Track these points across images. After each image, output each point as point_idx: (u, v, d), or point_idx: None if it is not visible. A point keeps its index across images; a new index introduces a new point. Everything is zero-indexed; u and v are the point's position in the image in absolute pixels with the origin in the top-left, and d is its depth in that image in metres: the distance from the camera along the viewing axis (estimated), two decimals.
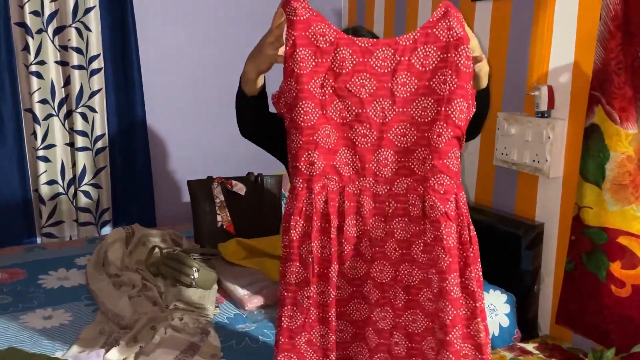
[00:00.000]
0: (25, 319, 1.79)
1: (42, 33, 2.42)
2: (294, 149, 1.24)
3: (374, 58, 1.19)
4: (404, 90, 1.19)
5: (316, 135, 1.20)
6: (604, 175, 1.83)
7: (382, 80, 1.19)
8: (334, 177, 1.23)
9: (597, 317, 1.89)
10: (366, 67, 1.19)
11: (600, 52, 1.79)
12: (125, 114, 2.64)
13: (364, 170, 1.22)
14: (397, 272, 1.25)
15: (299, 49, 1.18)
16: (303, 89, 1.19)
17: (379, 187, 1.23)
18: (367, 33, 1.59)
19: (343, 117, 1.20)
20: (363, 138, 1.21)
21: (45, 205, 2.54)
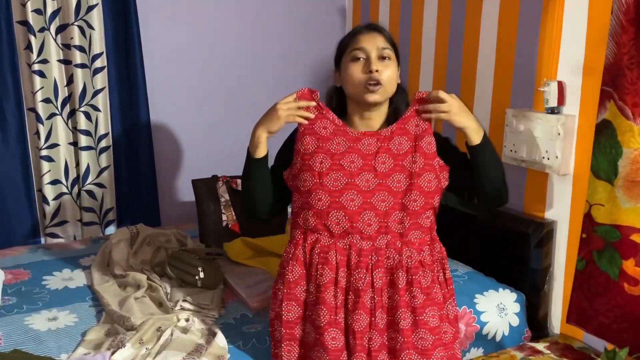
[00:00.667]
0: (30, 321, 1.77)
1: (45, 31, 2.40)
2: (295, 208, 1.59)
3: (362, 143, 1.54)
4: (383, 167, 1.51)
5: (310, 198, 1.51)
6: (616, 172, 1.80)
7: (367, 159, 1.52)
8: (325, 233, 1.52)
9: (609, 316, 1.86)
10: (355, 150, 1.53)
11: (612, 47, 1.76)
12: (128, 112, 2.61)
13: (352, 228, 1.50)
14: (373, 318, 1.50)
15: (306, 137, 1.56)
16: (305, 164, 1.54)
17: (363, 243, 1.50)
18: (380, 27, 1.60)
19: (335, 186, 1.50)
20: (351, 202, 1.50)
21: (49, 205, 2.52)
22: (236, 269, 2.11)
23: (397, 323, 1.49)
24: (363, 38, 1.54)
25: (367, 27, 1.58)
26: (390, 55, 1.54)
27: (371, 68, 1.50)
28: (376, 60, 1.52)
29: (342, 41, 1.61)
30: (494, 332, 1.95)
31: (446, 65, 2.50)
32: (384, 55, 1.52)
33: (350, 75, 1.53)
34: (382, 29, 1.58)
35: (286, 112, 1.55)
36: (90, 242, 2.46)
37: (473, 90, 2.36)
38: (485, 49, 2.28)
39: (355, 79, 1.52)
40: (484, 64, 2.30)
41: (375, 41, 1.53)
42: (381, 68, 1.51)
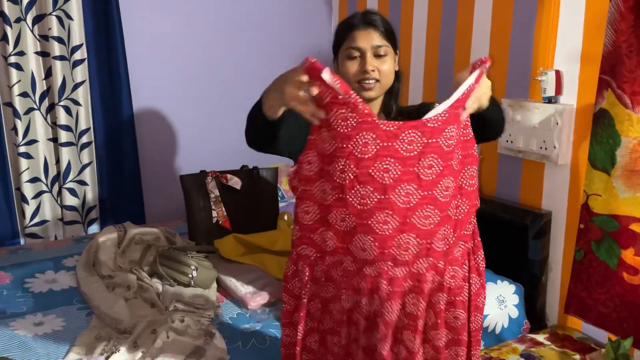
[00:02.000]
0: (14, 326, 1.68)
1: (21, 22, 2.29)
2: (308, 220, 1.23)
3: (400, 141, 1.15)
4: (429, 173, 1.16)
5: (330, 216, 1.18)
6: (613, 162, 1.79)
7: (408, 164, 1.15)
8: (348, 257, 1.21)
9: (609, 305, 1.86)
10: (390, 152, 1.15)
11: (610, 35, 1.74)
12: (111, 106, 2.52)
13: (382, 255, 1.19)
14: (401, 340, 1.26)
15: (322, 130, 1.16)
16: (323, 170, 1.17)
17: (397, 270, 1.20)
18: (377, 17, 1.50)
19: (363, 204, 1.15)
20: (384, 225, 1.16)
21: (28, 204, 2.42)
22: (229, 267, 2.05)
23: (430, 341, 1.28)
24: (358, 35, 1.46)
25: (363, 21, 1.47)
26: (387, 51, 1.48)
27: (366, 68, 1.43)
28: (371, 59, 1.46)
29: (338, 32, 1.54)
30: (494, 325, 1.93)
31: (438, 53, 2.46)
32: (379, 53, 1.47)
33: (345, 72, 1.48)
34: (378, 22, 1.49)
35: (293, 99, 1.17)
36: (72, 241, 2.37)
37: None
38: (479, 37, 2.25)
39: (350, 76, 1.47)
40: (477, 52, 2.27)
41: (370, 39, 1.46)
42: (377, 65, 1.46)
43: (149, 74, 2.63)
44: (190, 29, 2.70)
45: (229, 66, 2.83)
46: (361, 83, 1.46)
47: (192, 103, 2.77)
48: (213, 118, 2.83)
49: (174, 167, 2.71)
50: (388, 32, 1.50)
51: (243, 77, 2.86)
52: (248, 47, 2.86)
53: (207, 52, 2.76)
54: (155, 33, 2.62)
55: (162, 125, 2.71)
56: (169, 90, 2.70)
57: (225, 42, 2.80)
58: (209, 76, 2.78)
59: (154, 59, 2.64)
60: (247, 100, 3.17)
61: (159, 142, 2.72)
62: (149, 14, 2.59)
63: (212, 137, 2.83)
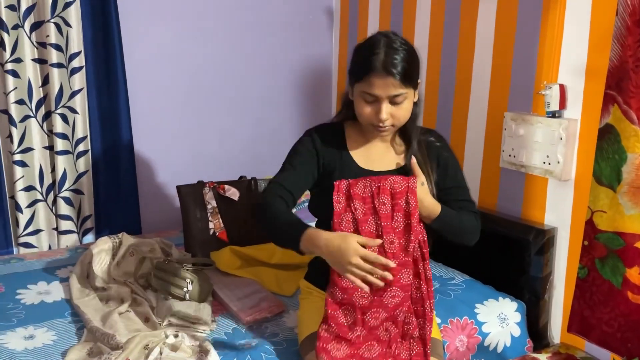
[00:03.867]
0: (4, 340, 1.64)
1: (19, 29, 2.26)
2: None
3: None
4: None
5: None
6: (619, 178, 1.76)
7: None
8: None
9: (613, 325, 1.82)
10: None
11: (617, 49, 1.71)
12: (108, 115, 2.48)
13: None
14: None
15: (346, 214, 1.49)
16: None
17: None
18: (399, 62, 1.43)
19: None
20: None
21: (22, 213, 2.38)
22: (225, 280, 2.01)
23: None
24: (376, 82, 1.42)
25: (383, 67, 1.41)
26: (405, 96, 1.46)
27: (380, 117, 1.45)
28: (387, 106, 1.45)
29: (357, 63, 1.48)
30: (496, 343, 1.89)
31: (440, 67, 2.44)
32: (396, 101, 1.45)
33: (360, 111, 1.50)
34: (399, 69, 1.41)
35: (354, 274, 1.36)
36: (67, 252, 2.33)
37: (468, 93, 2.30)
38: (482, 50, 2.23)
39: (364, 117, 1.50)
40: (480, 66, 2.24)
41: (387, 89, 1.43)
42: (392, 111, 1.46)
43: (147, 82, 2.61)
44: (189, 38, 2.67)
45: (228, 76, 2.80)
46: (375, 126, 1.49)
47: (190, 112, 2.74)
48: (211, 128, 2.80)
49: (171, 177, 2.67)
50: (408, 77, 1.44)
51: (242, 88, 2.84)
52: (248, 57, 2.83)
53: (205, 61, 2.73)
54: (153, 41, 2.60)
55: (159, 134, 2.68)
56: (167, 99, 2.67)
57: (224, 52, 2.78)
58: (207, 86, 2.76)
59: (152, 68, 2.61)
60: (245, 111, 3.16)
61: (156, 152, 2.69)
62: (147, 22, 2.57)
63: (210, 147, 2.80)
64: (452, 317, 1.85)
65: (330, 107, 3.10)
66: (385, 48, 1.44)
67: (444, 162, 1.60)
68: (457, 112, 2.37)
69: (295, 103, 3.01)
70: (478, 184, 2.29)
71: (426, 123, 2.52)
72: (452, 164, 1.63)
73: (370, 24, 2.79)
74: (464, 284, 2.05)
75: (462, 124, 2.34)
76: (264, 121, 2.93)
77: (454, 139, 2.38)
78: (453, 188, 1.61)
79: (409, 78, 1.44)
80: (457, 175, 1.63)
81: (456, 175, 1.63)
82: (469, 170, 2.32)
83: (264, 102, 2.91)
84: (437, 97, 2.46)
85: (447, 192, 1.60)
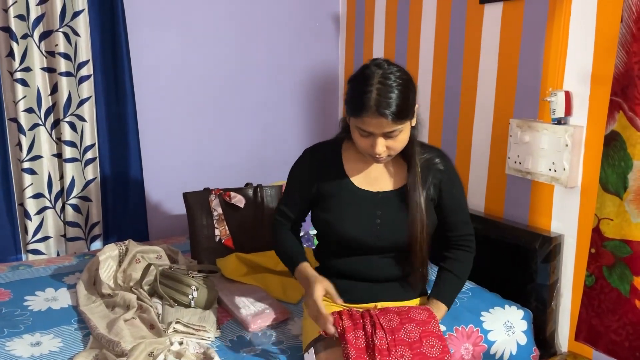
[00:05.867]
0: (11, 346, 1.65)
1: (28, 38, 2.29)
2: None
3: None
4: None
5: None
6: (626, 186, 1.74)
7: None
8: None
9: (621, 333, 1.80)
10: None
11: (622, 56, 1.71)
12: (116, 123, 2.51)
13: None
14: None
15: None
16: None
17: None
18: (393, 102, 1.41)
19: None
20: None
21: (31, 220, 2.40)
22: (231, 287, 2.01)
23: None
24: (369, 122, 1.41)
25: (376, 109, 1.39)
26: (400, 129, 1.45)
27: (376, 150, 1.47)
28: (382, 140, 1.45)
29: (352, 97, 1.46)
30: (502, 352, 1.88)
31: (445, 73, 2.44)
32: (391, 136, 1.46)
33: (356, 141, 1.53)
34: (392, 109, 1.38)
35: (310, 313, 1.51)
36: (74, 258, 2.34)
37: (474, 100, 2.30)
38: (487, 57, 2.23)
39: (361, 148, 1.52)
40: (485, 72, 2.24)
41: (381, 126, 1.42)
42: (388, 144, 1.47)
43: (154, 90, 2.63)
44: (195, 46, 2.69)
45: (235, 83, 2.82)
46: (371, 156, 1.51)
47: (197, 120, 2.75)
48: (218, 136, 2.81)
49: (177, 184, 2.68)
50: (403, 114, 1.42)
51: (248, 95, 2.85)
52: (255, 64, 2.85)
53: (212, 68, 2.75)
54: (161, 50, 2.62)
55: (166, 142, 2.70)
56: (174, 106, 2.69)
57: (231, 59, 2.79)
58: (213, 93, 2.77)
59: (159, 76, 2.63)
60: (251, 118, 3.17)
61: (164, 159, 2.71)
62: (155, 30, 2.59)
63: (217, 154, 2.81)
64: (457, 325, 1.84)
65: (337, 113, 3.10)
66: (379, 85, 1.39)
67: (444, 181, 1.61)
68: (462, 119, 2.36)
69: (302, 110, 3.02)
70: (484, 191, 2.29)
71: (432, 130, 2.52)
72: (452, 184, 1.63)
73: (376, 30, 2.80)
74: (470, 292, 2.04)
75: (467, 130, 2.34)
76: (270, 128, 2.94)
77: (459, 146, 2.38)
78: (451, 208, 1.64)
79: (404, 115, 1.42)
80: (456, 195, 1.64)
81: (455, 195, 1.64)
82: (475, 177, 2.31)
83: (270, 109, 2.93)
84: (443, 104, 2.46)
85: (445, 213, 1.63)
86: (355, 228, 1.58)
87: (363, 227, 1.58)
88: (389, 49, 2.72)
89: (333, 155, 1.63)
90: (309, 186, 1.64)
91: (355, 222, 1.58)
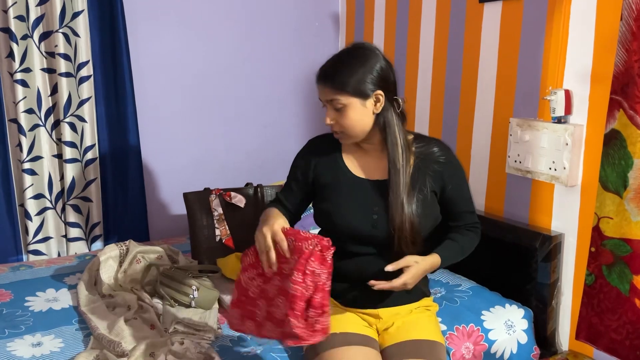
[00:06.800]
0: (12, 347, 1.66)
1: (28, 39, 2.29)
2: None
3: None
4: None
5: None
6: (626, 184, 1.74)
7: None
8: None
9: (621, 332, 1.80)
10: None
11: (622, 54, 1.70)
12: (116, 123, 2.51)
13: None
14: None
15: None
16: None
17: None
18: (331, 70, 1.53)
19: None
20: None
21: (31, 221, 2.40)
22: (231, 287, 2.00)
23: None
24: (318, 88, 1.54)
25: (320, 74, 1.53)
26: (344, 103, 1.50)
27: (326, 121, 1.54)
28: (331, 111, 1.53)
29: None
30: (502, 351, 1.88)
31: (445, 72, 2.44)
32: (335, 107, 1.51)
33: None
34: (329, 77, 1.50)
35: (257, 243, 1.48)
36: (75, 259, 2.35)
37: (474, 99, 2.30)
38: (487, 56, 2.23)
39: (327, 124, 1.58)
40: (485, 72, 2.24)
41: (324, 93, 1.52)
42: (336, 117, 1.53)
43: (154, 90, 2.63)
44: (195, 45, 2.69)
45: (234, 83, 2.82)
46: (332, 131, 1.58)
47: (197, 120, 2.75)
48: (218, 135, 2.81)
49: (178, 184, 2.69)
50: (340, 83, 1.48)
51: (248, 94, 2.85)
52: (254, 64, 2.85)
53: (212, 68, 2.75)
54: (161, 50, 2.62)
55: (167, 142, 2.70)
56: (174, 106, 2.69)
57: (231, 59, 2.79)
58: (214, 93, 2.77)
59: (159, 76, 2.63)
60: (252, 117, 3.17)
61: (164, 159, 2.71)
62: (155, 31, 2.59)
63: (217, 154, 2.81)
64: (458, 324, 1.84)
65: None
66: (334, 56, 1.54)
67: (446, 172, 1.60)
68: (462, 118, 2.36)
69: (302, 109, 3.02)
70: (484, 190, 2.28)
71: (432, 129, 2.52)
72: (455, 175, 1.62)
73: (376, 30, 2.80)
74: (471, 291, 2.04)
75: (467, 130, 2.34)
76: (270, 128, 2.94)
77: (459, 145, 2.38)
78: (455, 199, 1.63)
79: (341, 85, 1.49)
80: (460, 186, 1.63)
81: (459, 186, 1.63)
82: (475, 176, 2.31)
83: (270, 108, 2.93)
84: (443, 103, 2.46)
85: (450, 204, 1.62)
86: (352, 216, 1.57)
87: (360, 215, 1.56)
88: (388, 48, 2.72)
89: (333, 145, 1.64)
90: (305, 174, 1.65)
91: (352, 210, 1.57)
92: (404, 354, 1.52)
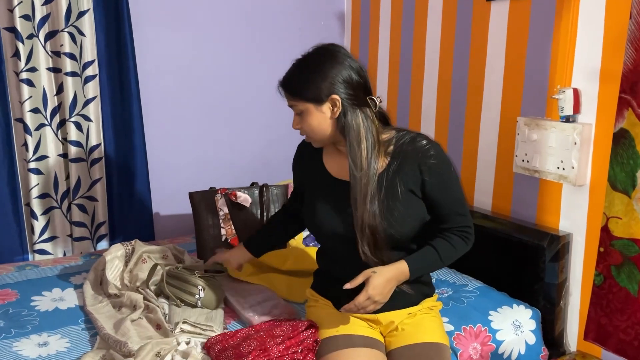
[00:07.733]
0: (19, 347, 1.65)
1: (33, 38, 2.29)
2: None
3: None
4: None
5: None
6: (634, 184, 1.73)
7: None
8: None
9: (630, 333, 1.79)
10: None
11: (631, 53, 1.69)
12: (121, 122, 2.50)
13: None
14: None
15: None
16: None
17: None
18: (288, 76, 1.59)
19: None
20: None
21: (37, 220, 2.40)
22: (237, 287, 2.01)
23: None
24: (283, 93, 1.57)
25: (278, 82, 1.57)
26: (303, 108, 1.52)
27: (293, 125, 1.58)
28: (296, 116, 1.56)
29: None
30: (510, 351, 1.87)
31: (452, 71, 2.42)
32: (296, 112, 1.55)
33: None
34: (286, 83, 1.54)
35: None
36: (81, 258, 2.35)
37: (481, 97, 2.29)
38: (494, 54, 2.21)
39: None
40: (492, 70, 2.22)
41: (286, 99, 1.56)
42: (300, 123, 1.55)
43: (159, 90, 2.62)
44: (200, 45, 2.69)
45: (240, 82, 2.81)
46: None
47: (202, 119, 2.75)
48: (224, 135, 2.81)
49: (183, 183, 2.68)
50: (296, 90, 1.51)
51: (254, 95, 2.84)
52: (260, 64, 2.84)
53: (218, 68, 2.74)
54: (167, 50, 2.61)
55: (172, 141, 2.70)
56: (179, 106, 2.69)
57: (236, 58, 2.79)
58: (219, 92, 2.77)
59: (164, 75, 2.63)
60: (258, 118, 3.16)
61: (169, 159, 2.71)
62: (160, 30, 2.59)
63: (222, 153, 2.80)
64: (465, 324, 1.83)
65: None
66: (294, 61, 1.56)
67: (426, 171, 1.49)
68: (469, 117, 2.35)
69: None
70: (492, 189, 2.27)
71: (439, 128, 2.50)
72: (438, 174, 1.50)
73: (381, 29, 2.78)
74: (478, 291, 2.03)
75: (474, 129, 2.32)
76: (276, 127, 2.93)
77: (466, 145, 2.37)
78: (439, 199, 1.52)
79: (295, 91, 1.51)
80: (445, 185, 1.51)
81: (444, 184, 1.51)
82: (482, 175, 2.30)
83: (275, 108, 2.89)
84: (450, 102, 2.44)
85: (435, 205, 1.53)
86: (330, 217, 1.57)
87: (336, 216, 1.55)
88: (394, 48, 2.71)
89: (317, 148, 1.66)
90: (299, 180, 1.77)
91: (328, 210, 1.58)
92: (410, 357, 1.51)
